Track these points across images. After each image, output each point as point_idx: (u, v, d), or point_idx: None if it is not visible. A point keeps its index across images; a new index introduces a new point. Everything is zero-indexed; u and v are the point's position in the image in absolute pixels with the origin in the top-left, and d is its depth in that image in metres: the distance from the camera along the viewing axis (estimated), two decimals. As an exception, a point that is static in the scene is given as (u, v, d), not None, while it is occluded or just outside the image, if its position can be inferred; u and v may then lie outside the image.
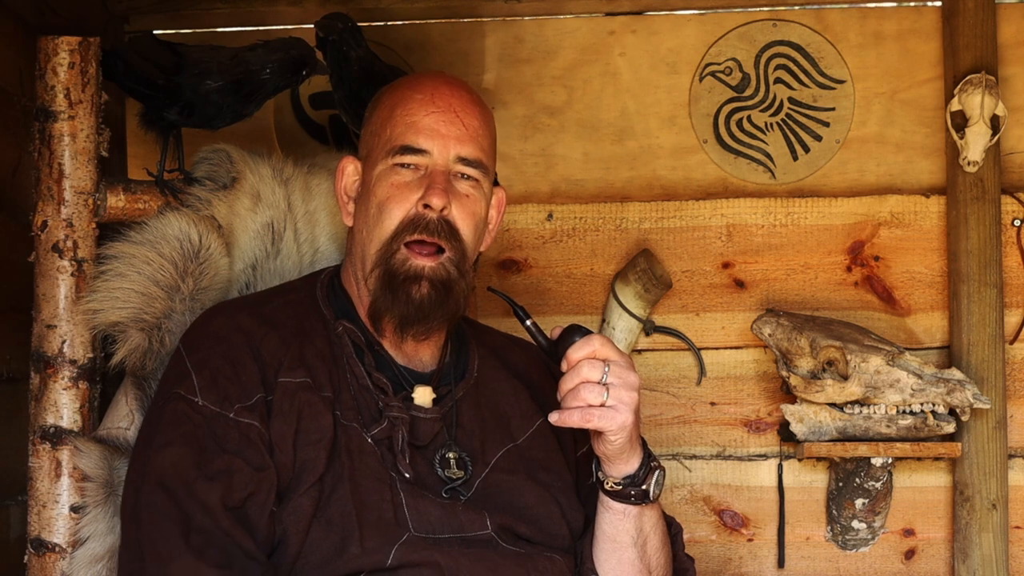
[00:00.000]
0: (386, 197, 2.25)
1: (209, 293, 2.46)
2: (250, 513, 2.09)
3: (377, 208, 2.26)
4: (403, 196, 2.25)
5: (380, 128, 2.31)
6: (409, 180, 2.25)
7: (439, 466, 2.23)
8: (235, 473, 2.10)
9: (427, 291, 2.23)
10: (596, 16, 3.24)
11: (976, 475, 3.06)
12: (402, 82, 2.38)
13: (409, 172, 2.26)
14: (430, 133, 2.26)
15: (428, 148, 2.26)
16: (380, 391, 2.24)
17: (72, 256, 2.46)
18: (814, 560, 3.14)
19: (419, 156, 2.26)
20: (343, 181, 2.37)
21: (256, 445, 2.13)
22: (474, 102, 2.32)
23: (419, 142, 2.26)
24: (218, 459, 2.11)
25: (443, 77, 2.36)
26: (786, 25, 3.20)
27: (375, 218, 2.26)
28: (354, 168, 2.36)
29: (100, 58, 2.48)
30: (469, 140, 2.28)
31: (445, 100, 2.29)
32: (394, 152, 2.26)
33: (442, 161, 2.26)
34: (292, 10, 3.10)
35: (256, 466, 2.12)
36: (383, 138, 2.29)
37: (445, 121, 2.27)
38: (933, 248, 3.17)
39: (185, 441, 2.12)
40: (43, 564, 2.43)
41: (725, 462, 3.17)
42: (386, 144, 2.28)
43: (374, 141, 2.32)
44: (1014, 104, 3.14)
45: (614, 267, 3.18)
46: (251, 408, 2.15)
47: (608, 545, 2.26)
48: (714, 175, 3.21)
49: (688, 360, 3.19)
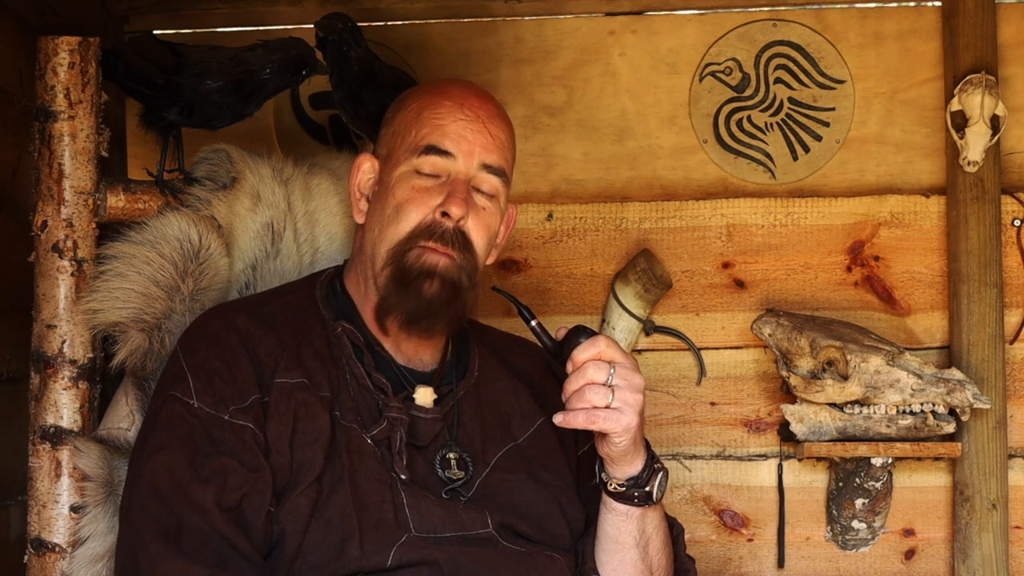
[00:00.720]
0: (405, 199, 2.25)
1: (209, 293, 2.46)
2: (246, 514, 2.09)
3: (395, 209, 2.25)
4: (422, 200, 2.25)
5: (405, 129, 2.31)
6: (430, 186, 2.26)
7: (440, 466, 2.24)
8: (230, 474, 2.10)
9: (439, 287, 2.23)
10: (596, 16, 3.23)
11: (976, 475, 3.06)
12: (430, 86, 2.39)
13: (431, 179, 2.26)
14: (457, 138, 2.27)
15: (454, 152, 2.26)
16: (380, 391, 2.24)
17: (72, 256, 2.46)
18: (814, 560, 3.14)
19: (443, 158, 2.26)
20: (358, 177, 2.36)
21: (251, 447, 2.13)
22: (501, 116, 2.34)
23: (445, 144, 2.26)
24: (213, 461, 2.11)
25: (473, 87, 2.37)
26: (786, 25, 3.20)
27: (391, 218, 2.26)
28: (371, 166, 2.36)
29: (100, 58, 2.48)
30: (495, 149, 2.29)
31: (474, 109, 2.30)
32: (419, 152, 2.26)
33: (465, 168, 2.26)
34: (292, 10, 3.10)
35: (251, 467, 2.12)
36: (408, 139, 2.29)
37: (473, 129, 2.28)
38: (933, 248, 3.17)
39: (180, 444, 2.12)
40: (43, 564, 2.44)
41: (725, 462, 3.17)
42: (411, 144, 2.28)
43: (396, 141, 2.31)
44: (1014, 104, 3.13)
45: (614, 267, 3.18)
46: (246, 410, 2.15)
47: (610, 546, 2.26)
48: (714, 175, 3.21)
49: (688, 360, 3.19)
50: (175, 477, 2.09)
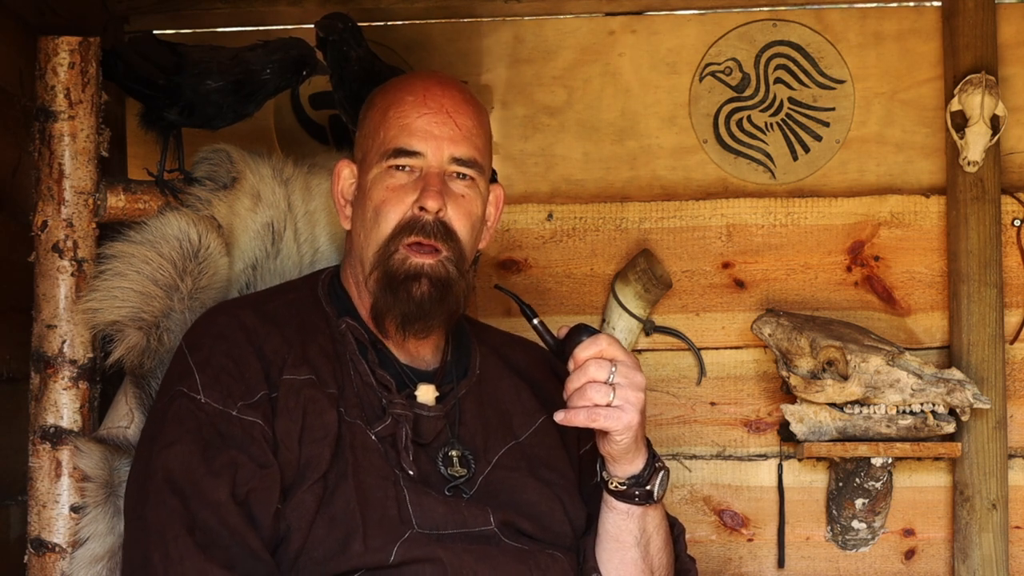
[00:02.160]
0: (382, 200, 2.26)
1: (208, 292, 2.46)
2: (253, 509, 2.09)
3: (374, 212, 2.26)
4: (398, 199, 2.25)
5: (374, 131, 2.31)
6: (404, 183, 2.26)
7: (442, 464, 2.24)
8: (239, 468, 2.10)
9: (427, 289, 2.23)
10: (596, 16, 3.24)
11: (976, 475, 3.06)
12: (394, 83, 2.38)
13: (404, 175, 2.26)
14: (423, 135, 2.26)
15: (422, 150, 2.26)
16: (384, 388, 2.24)
17: (72, 256, 2.46)
18: (814, 560, 3.14)
19: (413, 158, 2.26)
20: (339, 185, 2.38)
21: (259, 442, 2.13)
22: (466, 101, 2.32)
23: (412, 144, 2.26)
24: (222, 455, 2.11)
25: (435, 77, 2.36)
26: (786, 25, 3.20)
27: (372, 221, 2.26)
28: (350, 171, 2.37)
29: (100, 58, 2.48)
30: (463, 140, 2.28)
31: (437, 101, 2.29)
32: (388, 155, 2.27)
33: (436, 162, 2.26)
34: (292, 10, 3.10)
35: (260, 463, 2.12)
36: (377, 141, 2.29)
37: (437, 122, 2.27)
38: (933, 248, 3.17)
39: (190, 438, 2.12)
40: (43, 564, 2.43)
41: (725, 462, 3.17)
42: (380, 147, 2.28)
43: (368, 144, 2.32)
44: (1014, 104, 3.13)
45: (614, 267, 3.18)
46: (254, 406, 2.15)
47: (611, 545, 2.26)
48: (714, 175, 3.21)
49: (688, 360, 3.19)
50: (188, 472, 2.09)
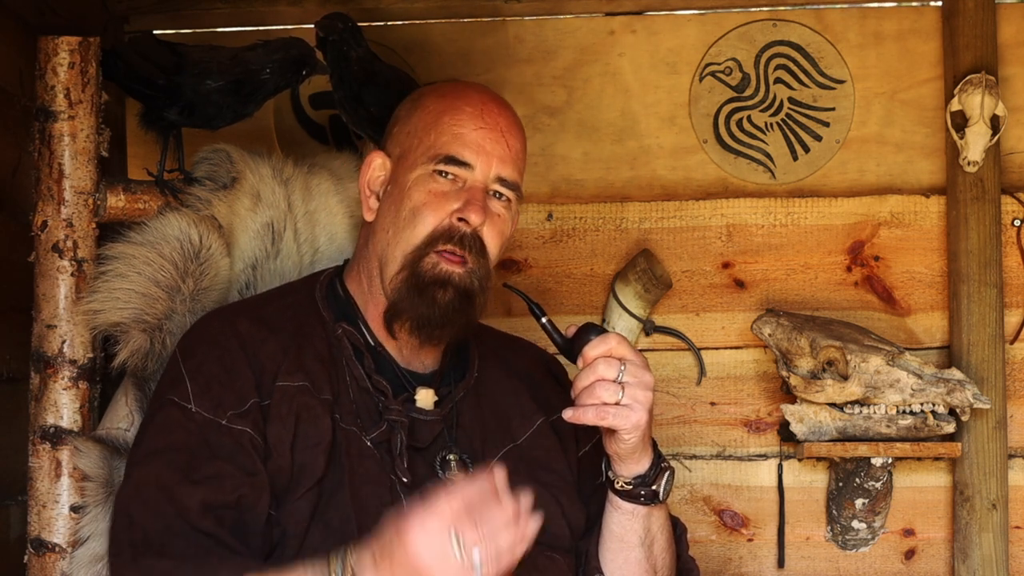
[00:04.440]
0: (422, 203, 2.24)
1: (210, 293, 2.46)
2: (241, 515, 2.09)
3: (410, 212, 2.24)
4: (439, 205, 2.24)
5: (422, 131, 2.29)
6: (447, 190, 2.25)
7: (440, 468, 2.23)
8: (225, 478, 2.09)
9: (452, 296, 2.23)
10: (596, 16, 3.23)
11: (976, 475, 3.06)
12: (449, 89, 2.37)
13: (447, 182, 2.25)
14: (476, 148, 2.26)
15: (472, 163, 2.26)
16: (380, 393, 2.23)
17: (72, 256, 2.46)
18: (814, 560, 3.14)
19: (462, 169, 2.25)
20: (368, 175, 2.35)
21: (248, 451, 2.13)
22: (518, 124, 2.34)
23: (465, 155, 2.25)
24: (208, 465, 2.10)
25: (490, 93, 2.36)
26: (786, 25, 3.20)
27: (407, 221, 2.25)
28: (382, 163, 2.34)
29: (100, 58, 2.48)
30: (511, 161, 2.29)
31: (493, 118, 2.29)
32: (438, 160, 2.25)
33: (482, 178, 2.26)
34: (292, 10, 3.10)
35: (248, 471, 2.11)
36: (426, 143, 2.28)
37: (492, 139, 2.27)
38: (933, 248, 3.17)
39: (172, 449, 2.12)
40: (43, 564, 2.44)
41: (725, 462, 3.17)
42: (428, 149, 2.27)
43: (412, 143, 2.30)
44: (1014, 104, 3.13)
45: (614, 267, 3.18)
46: (243, 414, 2.15)
47: (615, 544, 2.27)
48: (714, 175, 3.21)
49: (688, 360, 3.19)
50: (161, 481, 2.09)
